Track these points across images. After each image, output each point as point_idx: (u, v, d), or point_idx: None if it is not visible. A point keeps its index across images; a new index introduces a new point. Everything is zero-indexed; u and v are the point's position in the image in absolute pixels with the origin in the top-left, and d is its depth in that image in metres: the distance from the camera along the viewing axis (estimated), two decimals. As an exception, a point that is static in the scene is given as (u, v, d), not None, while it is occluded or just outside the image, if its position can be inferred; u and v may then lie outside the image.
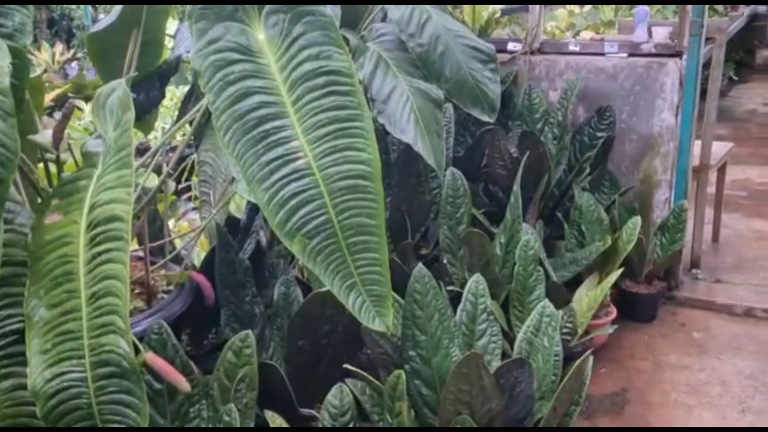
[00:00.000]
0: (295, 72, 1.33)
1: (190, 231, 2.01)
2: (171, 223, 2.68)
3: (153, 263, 1.90)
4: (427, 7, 2.11)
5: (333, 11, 2.08)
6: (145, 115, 2.25)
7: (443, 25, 2.09)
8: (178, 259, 1.92)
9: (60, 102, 3.74)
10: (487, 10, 3.25)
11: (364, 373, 1.47)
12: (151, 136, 2.91)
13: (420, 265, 1.58)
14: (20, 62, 1.25)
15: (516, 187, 2.20)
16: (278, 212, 1.28)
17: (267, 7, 1.35)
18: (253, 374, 1.49)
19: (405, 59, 2.09)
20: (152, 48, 2.10)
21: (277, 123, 1.30)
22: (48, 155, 1.49)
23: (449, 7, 3.25)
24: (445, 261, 2.14)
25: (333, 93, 1.34)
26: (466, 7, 3.22)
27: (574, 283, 2.38)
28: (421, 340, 1.54)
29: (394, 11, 2.08)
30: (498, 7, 3.36)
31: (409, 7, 2.09)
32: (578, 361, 1.50)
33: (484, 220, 2.36)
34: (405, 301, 1.56)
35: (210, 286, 1.81)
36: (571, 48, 2.82)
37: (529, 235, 2.09)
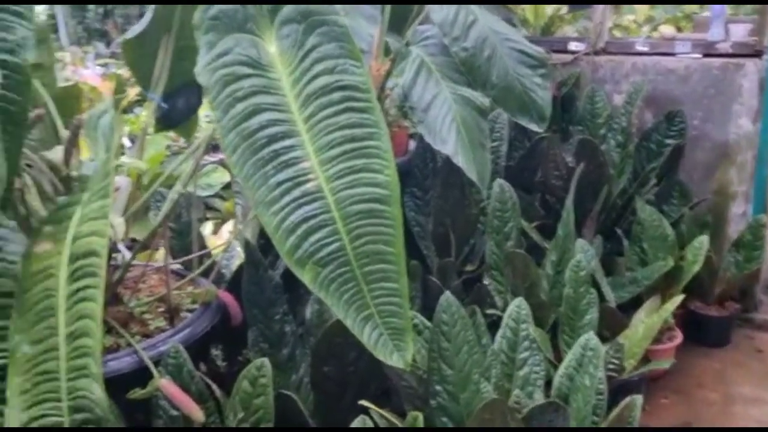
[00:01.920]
0: (308, 87, 1.25)
1: (219, 246, 1.97)
2: (230, 225, 2.63)
3: (183, 278, 1.86)
4: (474, 7, 2.00)
5: (375, 13, 2.00)
6: (184, 120, 2.21)
7: (490, 28, 1.98)
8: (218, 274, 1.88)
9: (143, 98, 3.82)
10: (550, 7, 3.09)
11: (381, 411, 1.38)
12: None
13: (447, 293, 1.48)
14: (22, 77, 1.22)
15: (569, 201, 2.06)
16: (288, 238, 1.21)
17: (279, 17, 1.27)
18: (268, 405, 1.43)
19: (449, 64, 1.99)
20: (190, 53, 2.06)
21: (288, 142, 1.23)
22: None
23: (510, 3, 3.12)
24: (486, 282, 2.03)
25: (348, 110, 1.25)
26: (528, 5, 3.08)
27: (635, 304, 2.22)
28: (448, 374, 1.44)
29: (437, 12, 1.98)
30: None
31: (454, 7, 1.98)
32: (620, 407, 1.37)
33: (535, 235, 2.23)
34: (431, 332, 1.46)
35: (237, 304, 1.76)
36: (639, 48, 2.65)
37: (582, 255, 1.95)
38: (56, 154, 1.33)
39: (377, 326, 1.25)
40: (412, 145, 2.46)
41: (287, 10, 1.27)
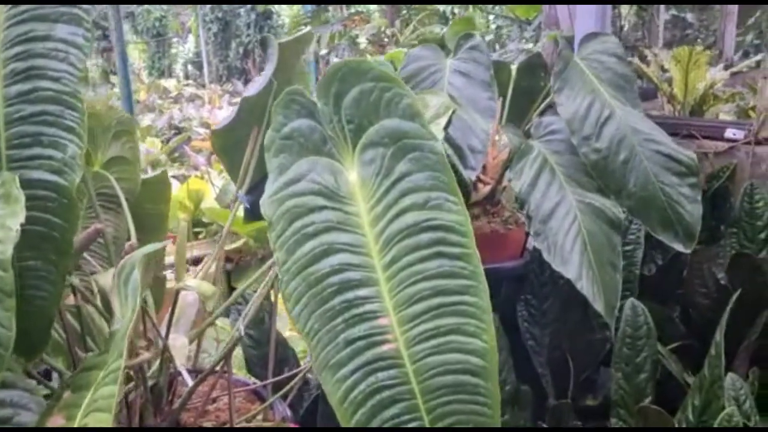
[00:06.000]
0: (393, 225, 1.06)
1: (300, 371, 1.77)
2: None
3: (258, 396, 1.70)
4: (610, 100, 1.74)
5: (492, 105, 1.78)
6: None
7: (629, 125, 1.71)
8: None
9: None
10: (703, 82, 2.76)
11: None
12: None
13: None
14: (68, 200, 1.10)
15: (718, 335, 1.73)
16: (355, 412, 1.01)
17: (364, 138, 1.09)
18: None
19: (577, 165, 1.75)
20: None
21: (363, 292, 1.04)
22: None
23: (654, 76, 2.82)
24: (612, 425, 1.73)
25: (440, 255, 1.05)
26: (677, 78, 2.76)
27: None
28: None
29: (567, 105, 1.73)
30: (718, 76, 2.87)
31: (587, 99, 1.74)
32: None
33: (674, 368, 1.91)
34: None
35: (309, 440, 1.57)
36: (814, 139, 2.28)
37: (734, 408, 1.62)
38: (107, 278, 1.20)
39: None
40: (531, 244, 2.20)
41: (374, 131, 1.08)
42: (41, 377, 1.26)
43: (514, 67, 2.28)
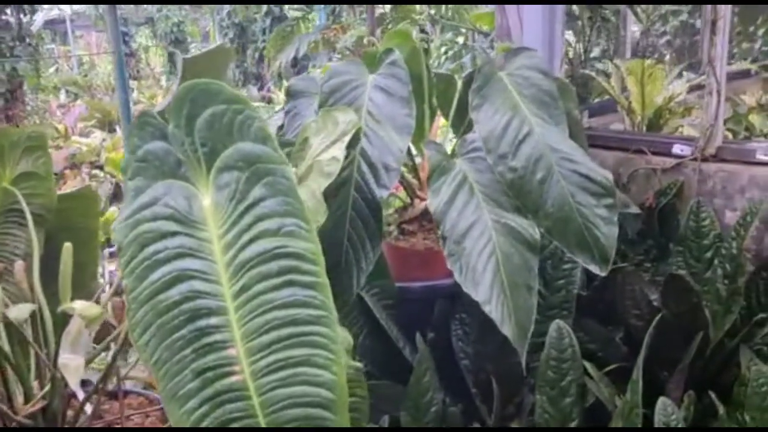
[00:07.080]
0: (244, 252, 1.04)
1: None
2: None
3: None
4: (530, 117, 1.71)
5: (408, 122, 1.74)
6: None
7: (548, 144, 1.68)
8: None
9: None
10: (660, 95, 2.73)
11: None
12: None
13: None
14: None
15: (640, 360, 1.70)
16: (201, 446, 0.99)
17: (219, 162, 1.07)
18: None
19: (497, 184, 1.71)
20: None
21: (214, 321, 1.02)
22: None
23: (612, 89, 2.79)
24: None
25: (290, 284, 1.03)
26: (634, 91, 2.73)
27: (731, 489, 1.80)
28: None
29: (484, 123, 1.71)
30: (678, 89, 2.83)
31: (506, 116, 1.71)
32: None
33: (603, 392, 1.87)
34: None
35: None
36: (761, 157, 2.24)
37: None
38: (22, 313, 1.19)
39: None
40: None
41: (228, 154, 1.06)
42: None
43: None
